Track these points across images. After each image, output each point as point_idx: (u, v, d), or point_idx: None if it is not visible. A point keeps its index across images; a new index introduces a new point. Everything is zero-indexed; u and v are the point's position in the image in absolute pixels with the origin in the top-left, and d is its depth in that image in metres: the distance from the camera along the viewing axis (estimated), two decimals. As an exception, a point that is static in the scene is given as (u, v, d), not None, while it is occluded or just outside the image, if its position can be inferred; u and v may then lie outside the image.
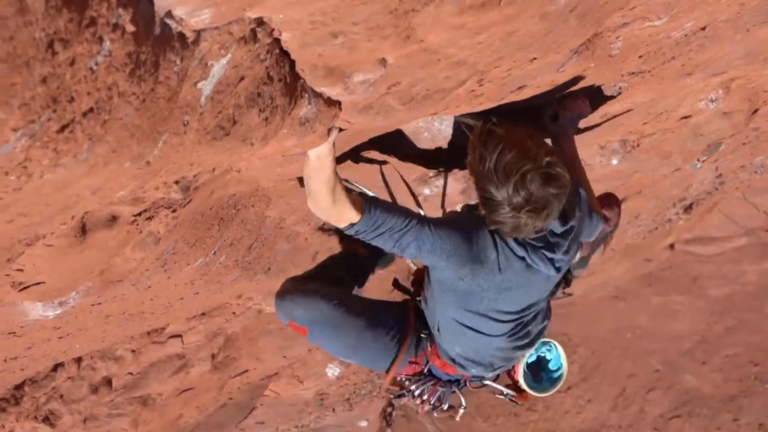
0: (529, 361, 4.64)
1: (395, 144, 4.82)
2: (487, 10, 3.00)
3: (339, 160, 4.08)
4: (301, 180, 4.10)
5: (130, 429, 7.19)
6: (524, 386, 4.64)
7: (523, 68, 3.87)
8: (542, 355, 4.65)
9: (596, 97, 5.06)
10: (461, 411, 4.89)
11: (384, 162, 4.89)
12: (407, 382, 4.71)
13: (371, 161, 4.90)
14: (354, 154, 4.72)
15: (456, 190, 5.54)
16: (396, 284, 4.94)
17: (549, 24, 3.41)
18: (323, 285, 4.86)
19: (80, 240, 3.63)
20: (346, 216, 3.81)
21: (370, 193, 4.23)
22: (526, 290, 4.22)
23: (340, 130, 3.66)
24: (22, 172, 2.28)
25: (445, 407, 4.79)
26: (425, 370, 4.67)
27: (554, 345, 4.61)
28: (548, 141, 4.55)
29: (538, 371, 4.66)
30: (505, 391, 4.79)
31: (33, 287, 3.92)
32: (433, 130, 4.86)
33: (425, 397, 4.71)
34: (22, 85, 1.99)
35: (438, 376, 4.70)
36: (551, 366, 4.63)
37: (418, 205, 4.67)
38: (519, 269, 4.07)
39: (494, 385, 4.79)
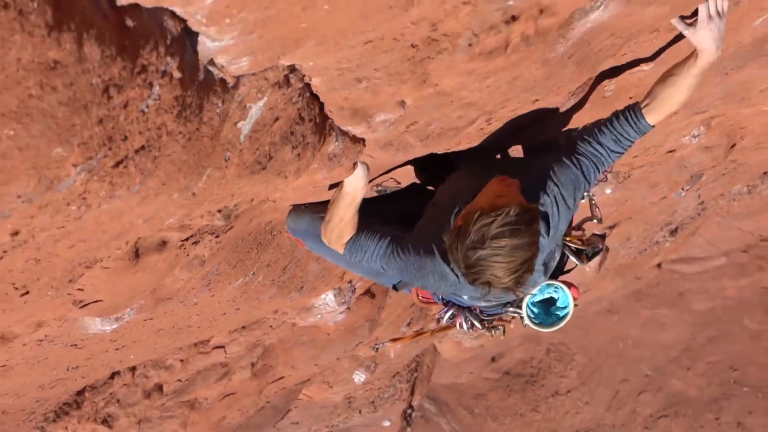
0: (537, 300, 4.33)
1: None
2: (494, 57, 2.99)
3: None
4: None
5: (180, 430, 7.16)
6: (530, 325, 4.31)
7: (526, 108, 3.86)
8: (551, 295, 4.33)
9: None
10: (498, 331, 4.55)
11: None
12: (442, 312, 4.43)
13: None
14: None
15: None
16: None
17: (550, 69, 3.39)
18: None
19: (134, 263, 3.62)
20: (345, 235, 3.79)
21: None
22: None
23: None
24: (82, 203, 2.27)
25: (480, 327, 4.49)
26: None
27: (560, 287, 4.29)
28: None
29: (549, 308, 4.37)
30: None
31: (92, 304, 3.90)
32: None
33: (459, 322, 4.42)
34: (81, 125, 1.97)
35: (453, 301, 4.28)
36: (559, 304, 4.33)
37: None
38: None
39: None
